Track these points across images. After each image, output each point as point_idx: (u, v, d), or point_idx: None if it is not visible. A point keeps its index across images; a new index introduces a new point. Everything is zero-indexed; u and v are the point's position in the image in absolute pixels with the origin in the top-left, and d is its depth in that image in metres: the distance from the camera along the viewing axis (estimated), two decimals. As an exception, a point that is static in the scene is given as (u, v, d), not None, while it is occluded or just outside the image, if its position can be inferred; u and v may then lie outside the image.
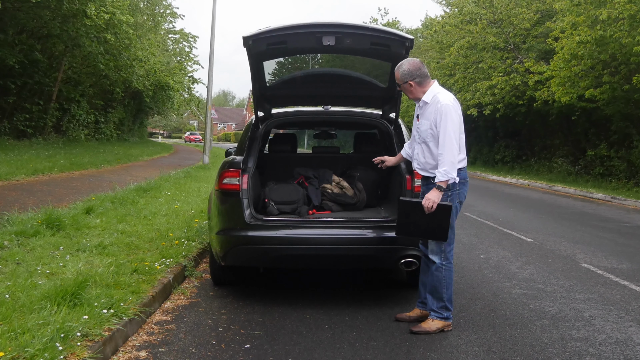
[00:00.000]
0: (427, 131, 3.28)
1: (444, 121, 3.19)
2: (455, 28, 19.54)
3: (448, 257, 3.29)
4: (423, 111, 3.34)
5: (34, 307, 2.83)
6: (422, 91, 3.32)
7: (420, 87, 3.31)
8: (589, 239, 6.74)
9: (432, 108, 3.27)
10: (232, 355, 2.85)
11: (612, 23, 11.70)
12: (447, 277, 3.28)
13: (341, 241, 3.61)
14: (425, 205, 3.17)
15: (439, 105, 3.22)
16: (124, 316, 2.96)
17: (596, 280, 4.68)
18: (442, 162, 3.17)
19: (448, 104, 3.22)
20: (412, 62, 3.33)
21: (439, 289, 3.29)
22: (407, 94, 3.39)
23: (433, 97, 3.28)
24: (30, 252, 4.06)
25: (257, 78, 3.86)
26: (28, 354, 2.36)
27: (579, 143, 16.89)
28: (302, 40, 3.60)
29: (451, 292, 3.33)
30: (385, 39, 3.53)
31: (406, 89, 3.35)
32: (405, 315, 3.48)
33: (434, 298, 3.32)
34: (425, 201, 3.17)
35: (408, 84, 3.31)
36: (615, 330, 3.44)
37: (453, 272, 3.35)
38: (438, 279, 3.28)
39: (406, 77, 3.30)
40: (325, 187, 4.34)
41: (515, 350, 3.05)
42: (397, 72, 3.34)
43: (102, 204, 6.30)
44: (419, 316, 3.45)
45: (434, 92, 3.30)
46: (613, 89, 12.73)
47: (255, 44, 3.46)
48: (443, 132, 3.18)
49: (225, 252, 3.59)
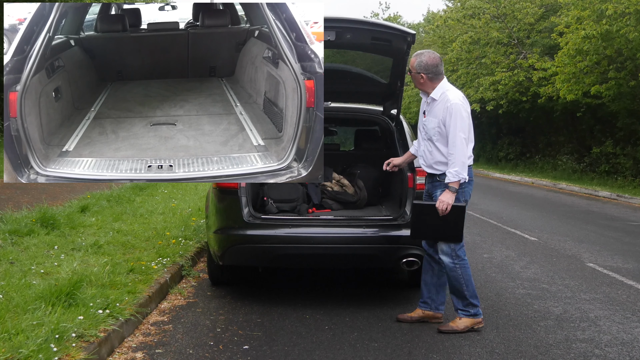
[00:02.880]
0: (435, 129, 3.24)
1: (453, 120, 3.15)
2: (458, 23, 19.41)
3: (460, 254, 3.24)
4: (431, 108, 3.28)
5: (28, 308, 2.79)
6: (431, 87, 3.27)
7: (431, 82, 3.26)
8: (594, 237, 6.67)
9: (441, 106, 3.22)
10: (230, 356, 2.82)
11: (618, 18, 11.55)
12: (464, 275, 3.24)
13: (341, 240, 3.56)
14: (440, 207, 3.13)
15: (449, 104, 3.18)
16: (119, 317, 2.93)
17: (602, 280, 4.62)
18: (454, 163, 3.13)
19: (457, 102, 3.18)
20: (433, 56, 3.27)
21: (459, 287, 3.25)
22: (415, 82, 3.34)
23: (442, 95, 3.23)
24: (24, 251, 4.03)
25: None
26: (22, 355, 2.33)
27: (584, 140, 16.77)
28: None
29: (473, 288, 3.28)
30: (386, 34, 3.47)
31: (416, 79, 3.29)
32: (407, 315, 3.43)
33: (457, 298, 3.29)
34: (439, 203, 3.14)
35: (420, 75, 3.25)
36: (621, 331, 3.39)
37: (469, 267, 3.29)
38: (455, 279, 3.24)
39: (421, 69, 3.24)
40: (325, 185, 4.28)
41: (519, 352, 3.00)
42: (414, 60, 3.28)
43: (98, 202, 6.25)
44: (421, 317, 3.40)
45: (442, 89, 3.25)
46: (619, 85, 12.60)
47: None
48: (453, 131, 3.15)
49: (223, 252, 3.55)
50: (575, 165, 16.30)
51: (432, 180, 3.32)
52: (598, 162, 15.32)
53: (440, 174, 3.26)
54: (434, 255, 3.38)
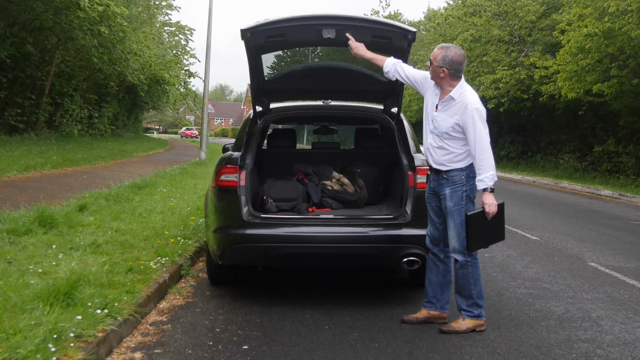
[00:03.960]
0: (448, 128, 3.21)
1: (478, 127, 3.15)
2: (459, 20, 19.36)
3: (472, 253, 3.22)
4: (447, 106, 3.23)
5: (26, 307, 2.77)
6: (450, 83, 3.22)
7: (450, 79, 3.21)
8: (596, 237, 6.64)
9: (459, 107, 3.18)
10: (230, 356, 2.80)
11: (620, 15, 11.50)
12: (473, 274, 3.21)
13: (341, 239, 3.54)
14: (491, 211, 3.13)
15: (470, 107, 3.15)
16: (118, 316, 2.91)
17: (604, 280, 4.60)
18: (486, 168, 3.14)
19: (479, 107, 3.18)
20: (459, 53, 3.22)
21: (467, 286, 3.22)
22: (432, 75, 3.27)
23: (460, 95, 3.20)
24: (22, 251, 4.00)
25: (255, 72, 3.78)
26: (20, 355, 2.31)
27: (586, 138, 16.70)
28: (301, 32, 3.52)
29: (480, 288, 3.26)
30: (386, 31, 3.44)
31: (436, 72, 3.22)
32: (412, 317, 3.39)
33: (462, 297, 3.26)
34: (488, 207, 3.14)
35: (442, 69, 3.19)
36: (623, 331, 3.37)
37: (479, 267, 3.27)
38: (464, 276, 3.21)
39: (445, 64, 3.18)
40: (325, 184, 4.26)
41: (520, 352, 2.98)
42: (438, 53, 3.21)
43: (96, 201, 6.22)
44: (426, 317, 3.36)
45: (462, 89, 3.22)
46: (621, 83, 12.55)
47: (253, 37, 3.39)
48: (479, 137, 3.14)
49: (222, 251, 3.53)
50: (577, 164, 16.25)
51: (438, 177, 3.28)
52: (600, 161, 15.27)
53: (447, 170, 3.23)
54: (438, 254, 3.35)
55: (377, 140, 4.88)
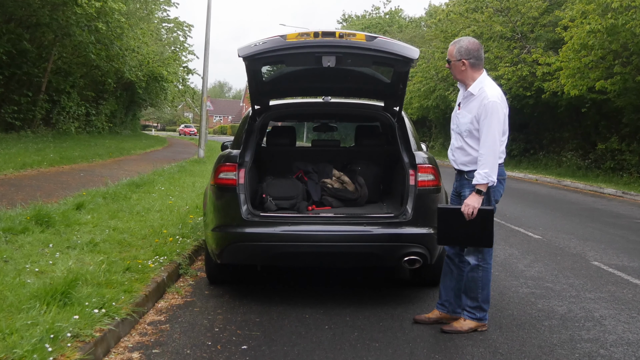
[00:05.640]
0: (466, 124, 3.12)
1: (488, 119, 3.02)
2: (461, 16, 19.26)
3: (486, 257, 3.15)
4: (467, 102, 3.16)
5: (23, 307, 2.76)
6: (472, 77, 3.13)
7: (472, 70, 3.12)
8: (599, 235, 6.59)
9: (477, 102, 3.08)
10: (229, 356, 2.78)
11: (623, 11, 11.41)
12: (483, 278, 3.15)
13: (342, 238, 3.51)
14: (466, 211, 3.02)
15: (486, 101, 3.04)
16: (116, 316, 2.89)
17: (607, 279, 4.56)
18: (484, 164, 3.00)
19: (496, 101, 3.04)
20: (472, 41, 3.14)
21: (474, 289, 3.16)
22: (454, 72, 3.19)
23: (480, 89, 3.10)
24: (18, 250, 3.99)
25: (253, 78, 3.78)
26: (16, 355, 2.29)
27: (589, 136, 16.61)
28: (300, 60, 3.52)
29: (488, 293, 3.19)
30: (388, 59, 3.39)
31: (457, 67, 3.14)
32: (425, 316, 3.36)
33: (467, 297, 3.21)
34: (464, 207, 3.02)
35: (462, 62, 3.11)
36: (626, 330, 3.34)
37: (491, 273, 3.21)
38: (473, 279, 3.15)
39: (462, 54, 3.10)
40: (325, 182, 4.22)
41: (522, 352, 2.95)
42: (453, 48, 3.15)
43: (94, 199, 6.20)
44: (438, 317, 3.33)
45: (482, 83, 3.11)
46: (624, 80, 12.47)
47: (250, 63, 3.40)
48: (487, 131, 3.01)
49: (221, 250, 3.51)
50: (580, 162, 16.17)
51: (460, 177, 3.22)
52: (603, 159, 15.19)
53: (469, 170, 3.14)
54: (454, 257, 3.30)
55: (377, 137, 4.84)
